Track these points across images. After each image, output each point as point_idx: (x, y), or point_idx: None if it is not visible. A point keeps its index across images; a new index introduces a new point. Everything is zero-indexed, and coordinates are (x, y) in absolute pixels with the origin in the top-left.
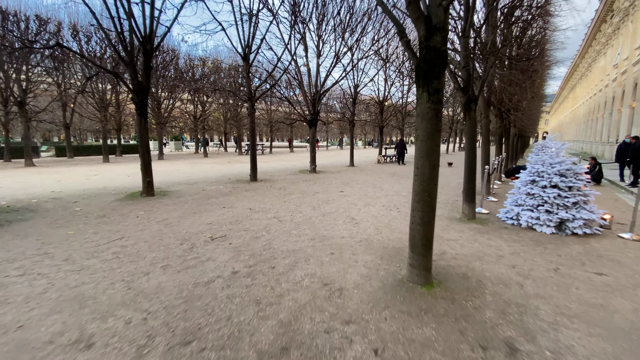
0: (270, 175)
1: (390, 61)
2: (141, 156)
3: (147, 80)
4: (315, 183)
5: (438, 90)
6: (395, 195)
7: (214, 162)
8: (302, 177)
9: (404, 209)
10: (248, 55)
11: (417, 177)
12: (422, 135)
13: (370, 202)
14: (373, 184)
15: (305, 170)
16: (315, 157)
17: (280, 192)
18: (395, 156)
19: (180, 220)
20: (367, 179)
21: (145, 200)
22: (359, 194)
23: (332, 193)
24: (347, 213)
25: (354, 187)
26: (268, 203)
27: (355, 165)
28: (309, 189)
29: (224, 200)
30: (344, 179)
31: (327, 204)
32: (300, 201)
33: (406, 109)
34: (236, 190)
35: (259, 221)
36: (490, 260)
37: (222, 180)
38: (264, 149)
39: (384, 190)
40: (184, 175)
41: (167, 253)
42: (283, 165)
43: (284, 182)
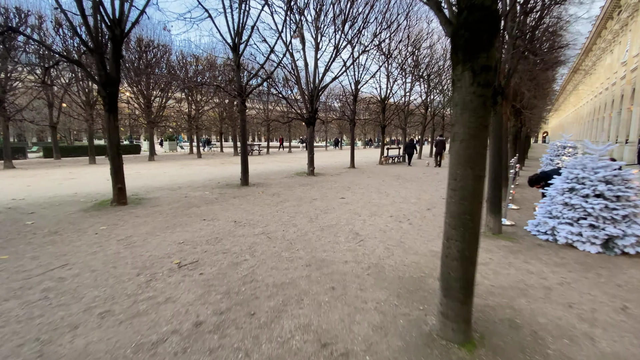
0: (264, 178)
1: (392, 56)
2: (111, 159)
3: (116, 71)
4: (313, 188)
5: (487, 68)
6: (403, 202)
7: (207, 163)
8: (298, 181)
9: (416, 220)
10: (238, 46)
11: (455, 192)
12: (463, 133)
13: (375, 212)
14: (377, 188)
15: (302, 172)
16: (313, 158)
17: (273, 199)
18: (398, 157)
19: (148, 238)
20: (370, 183)
21: (114, 210)
22: (362, 201)
23: (332, 200)
24: (350, 226)
25: (356, 193)
26: (257, 213)
27: (356, 167)
28: (305, 195)
29: (206, 210)
30: (344, 183)
31: (326, 214)
32: (296, 211)
33: (408, 107)
34: (223, 197)
35: (244, 239)
36: (538, 296)
37: (210, 184)
38: (261, 150)
39: (390, 196)
40: (169, 178)
41: (115, 290)
42: (279, 167)
43: (278, 186)
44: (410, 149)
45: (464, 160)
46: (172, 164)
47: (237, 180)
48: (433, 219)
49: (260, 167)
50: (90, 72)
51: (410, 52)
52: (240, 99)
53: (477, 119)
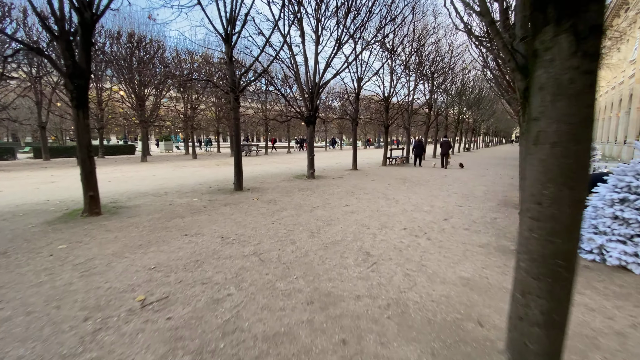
0: (260, 182)
1: (396, 53)
2: (80, 163)
3: (86, 61)
4: (314, 193)
5: (597, 30)
6: (415, 210)
7: (201, 164)
8: (298, 185)
9: (434, 234)
10: (230, 37)
11: (539, 223)
12: (556, 133)
13: (386, 223)
14: (384, 193)
15: (302, 175)
16: (313, 160)
17: (269, 207)
18: (402, 158)
19: (112, 261)
20: (376, 187)
21: (83, 223)
22: (369, 209)
23: (335, 208)
24: (359, 243)
25: (361, 199)
26: (250, 226)
27: (358, 169)
28: (305, 202)
29: (190, 221)
30: (348, 187)
31: (329, 227)
32: (294, 222)
33: (412, 106)
34: (212, 204)
35: (230, 262)
36: (613, 348)
37: (200, 189)
38: (259, 150)
39: (399, 203)
40: (158, 182)
41: (47, 347)
42: (277, 169)
43: (275, 191)
44: (419, 150)
45: (558, 174)
46: (164, 165)
47: (231, 184)
48: (453, 232)
49: (258, 169)
50: (56, 62)
51: (415, 49)
52: (233, 95)
53: (580, 110)
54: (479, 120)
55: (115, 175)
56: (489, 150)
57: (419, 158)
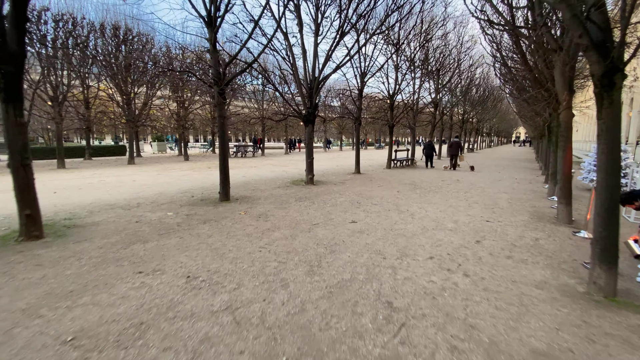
0: (251, 189)
1: (401, 48)
2: (13, 172)
3: (19, 41)
4: (314, 203)
5: None
6: (437, 228)
7: (191, 167)
8: (294, 193)
9: (471, 266)
10: (214, 19)
11: None
12: None
13: (406, 249)
14: (395, 204)
15: (300, 180)
16: (312, 164)
17: (258, 224)
18: (407, 159)
19: (17, 325)
20: (384, 195)
21: (12, 252)
22: (381, 226)
23: (339, 225)
24: (376, 284)
25: (369, 212)
26: (229, 256)
27: (361, 172)
28: (303, 217)
29: (154, 249)
30: (352, 195)
31: (334, 256)
32: (288, 248)
33: (417, 105)
34: (189, 221)
35: (189, 326)
36: None
37: (181, 199)
38: (255, 151)
39: (415, 217)
40: (134, 190)
41: None
42: (273, 173)
43: (268, 202)
44: (430, 151)
45: None
46: (151, 168)
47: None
48: (494, 263)
49: (251, 173)
50: None
51: (421, 44)
52: (217, 89)
53: None
54: (483, 119)
55: (90, 181)
56: (492, 151)
57: (430, 159)
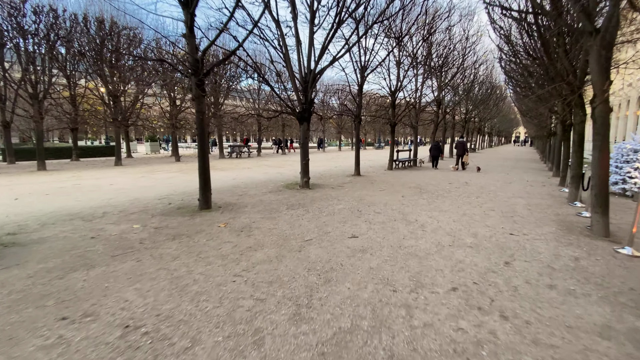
0: (240, 193)
1: (403, 41)
2: None
3: None
4: (308, 212)
5: None
6: (455, 245)
7: (180, 169)
8: (287, 198)
9: (507, 302)
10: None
11: None
12: None
13: (420, 276)
14: (401, 211)
15: (294, 183)
16: (308, 165)
17: (239, 241)
18: (409, 160)
19: None
20: (388, 201)
21: None
22: (387, 243)
23: (336, 241)
24: (386, 338)
25: (372, 223)
26: (191, 291)
27: (361, 174)
28: (293, 231)
29: (99, 277)
30: (352, 202)
31: (328, 288)
32: (271, 276)
33: (420, 103)
34: (156, 237)
35: None
36: None
37: (155, 207)
38: (250, 151)
39: (427, 230)
40: (107, 195)
41: None
42: (266, 175)
43: (255, 210)
44: (437, 151)
45: None
46: (137, 170)
47: None
48: (535, 297)
49: (243, 175)
50: None
51: (424, 37)
52: (194, 80)
53: None
54: (485, 119)
55: (63, 185)
56: (494, 151)
57: (435, 160)
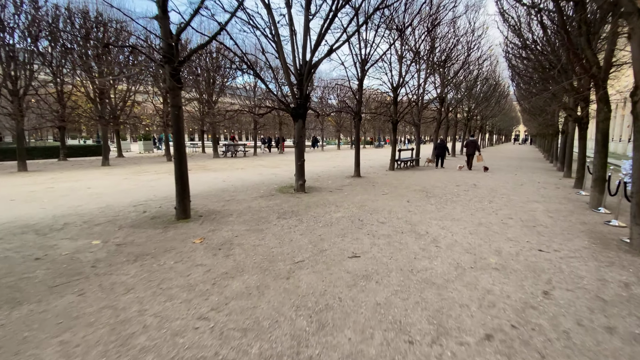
0: (227, 199)
1: (405, 34)
2: None
3: None
4: (301, 222)
5: None
6: (477, 266)
7: (169, 170)
8: (279, 205)
9: (561, 357)
10: None
11: None
12: None
13: (442, 317)
14: (408, 220)
15: (289, 186)
16: (303, 167)
17: (214, 263)
18: (411, 160)
19: None
20: (392, 207)
21: None
22: (395, 264)
23: (333, 264)
24: None
25: (377, 237)
26: (134, 347)
27: (362, 175)
28: (282, 249)
29: (19, 322)
30: (351, 208)
31: (322, 339)
32: (247, 321)
33: (422, 99)
34: (115, 257)
35: None
36: None
37: (128, 215)
38: (246, 151)
39: (440, 244)
40: (79, 201)
41: None
42: (260, 176)
43: (240, 220)
44: (442, 150)
45: None
46: (124, 170)
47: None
48: (595, 347)
49: (235, 177)
50: None
51: (428, 29)
52: (168, 69)
53: None
54: (488, 117)
55: (33, 190)
56: (496, 150)
57: (441, 159)
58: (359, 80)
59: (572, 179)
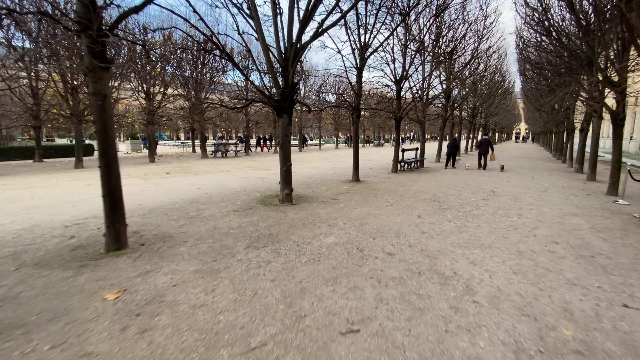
0: (191, 215)
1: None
2: None
3: None
4: (278, 255)
5: None
6: (550, 350)
7: (144, 174)
8: (254, 224)
9: None
10: None
11: None
12: None
13: None
14: (423, 248)
15: (274, 195)
16: (290, 172)
17: (113, 351)
18: (416, 161)
19: None
20: (400, 226)
21: None
22: (414, 340)
23: (318, 348)
24: None
25: (383, 283)
26: None
27: (361, 180)
28: (238, 313)
29: None
30: (348, 229)
31: None
32: None
33: (428, 94)
34: None
35: None
36: None
37: (44, 245)
38: (238, 151)
39: (476, 295)
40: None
41: None
42: (245, 181)
43: (195, 251)
44: (454, 149)
45: None
46: (91, 175)
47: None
48: None
49: (214, 183)
50: None
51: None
52: (85, 39)
53: None
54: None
55: None
56: (500, 148)
57: (452, 158)
58: (358, 69)
59: (598, 183)
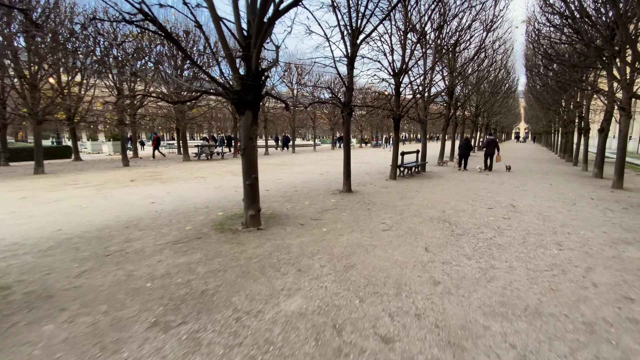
0: (112, 247)
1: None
2: None
3: None
4: (197, 348)
5: None
6: None
7: (105, 181)
8: (191, 270)
9: None
10: None
11: None
12: None
13: None
14: (439, 318)
15: (239, 215)
16: (256, 186)
17: None
18: (417, 165)
19: None
20: (401, 269)
21: None
22: None
23: None
24: None
25: None
26: None
27: (353, 190)
28: None
29: None
30: (324, 279)
31: None
32: None
33: (430, 91)
34: None
35: None
36: None
37: None
38: (224, 153)
39: None
40: None
41: None
42: (213, 193)
43: (69, 328)
44: (466, 150)
45: None
46: (41, 184)
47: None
48: None
49: (176, 194)
50: None
51: None
52: None
53: None
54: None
55: None
56: (502, 148)
57: (464, 160)
58: (349, 58)
59: (628, 192)
